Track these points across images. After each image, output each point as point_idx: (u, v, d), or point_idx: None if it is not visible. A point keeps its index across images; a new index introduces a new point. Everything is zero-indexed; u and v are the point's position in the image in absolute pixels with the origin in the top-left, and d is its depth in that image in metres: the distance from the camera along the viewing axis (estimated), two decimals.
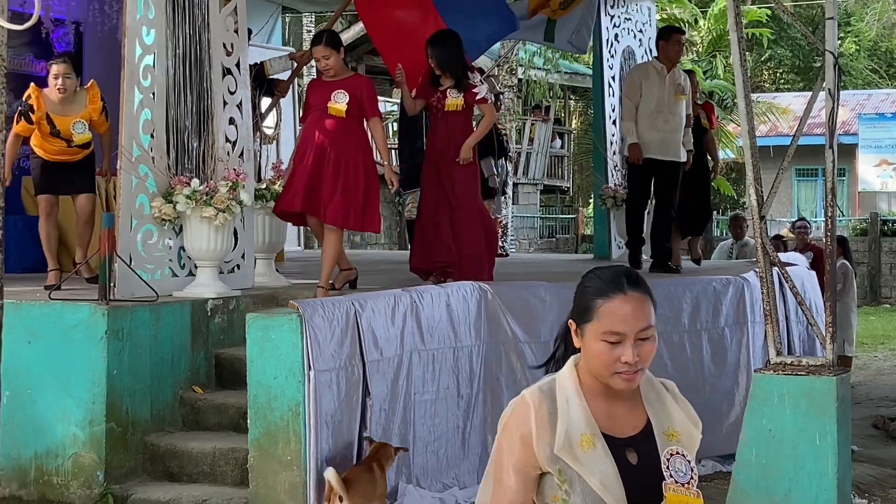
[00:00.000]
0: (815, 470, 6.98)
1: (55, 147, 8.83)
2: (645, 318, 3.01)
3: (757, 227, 7.49)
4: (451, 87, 8.75)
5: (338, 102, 8.20)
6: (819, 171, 32.93)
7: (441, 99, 8.79)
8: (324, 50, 8.27)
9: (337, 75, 8.33)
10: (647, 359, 3.02)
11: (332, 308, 6.99)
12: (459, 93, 8.72)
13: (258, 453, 6.86)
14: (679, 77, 10.88)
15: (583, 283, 3.07)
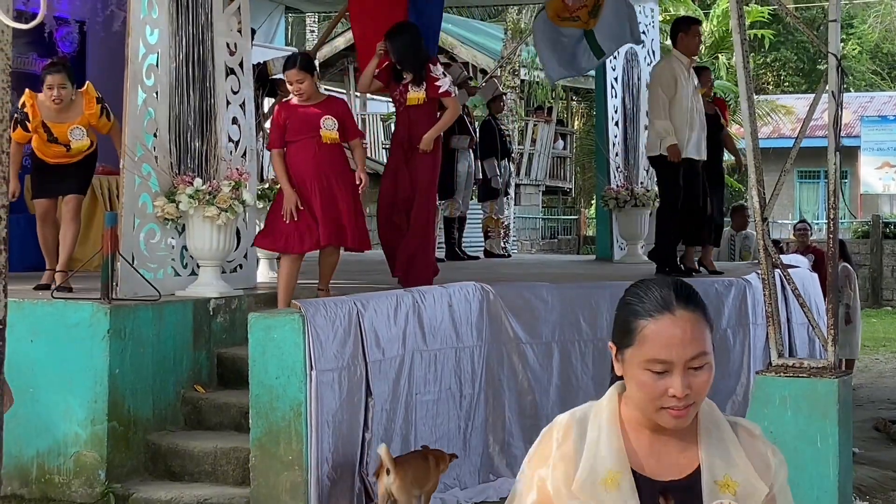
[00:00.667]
0: (816, 472, 6.98)
1: (54, 150, 8.72)
2: (698, 343, 2.52)
3: (759, 229, 7.49)
4: (411, 81, 8.74)
5: (329, 130, 8.01)
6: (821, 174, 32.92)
7: (403, 93, 8.77)
8: (298, 74, 7.99)
9: (310, 99, 8.08)
10: (700, 392, 2.55)
11: (335, 308, 6.99)
12: (420, 86, 8.70)
13: (260, 453, 6.86)
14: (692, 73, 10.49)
15: (624, 299, 2.61)
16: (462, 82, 13.04)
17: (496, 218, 14.13)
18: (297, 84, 7.98)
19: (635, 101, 13.25)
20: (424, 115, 8.80)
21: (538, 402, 8.50)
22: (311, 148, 8.00)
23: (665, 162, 10.08)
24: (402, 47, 8.71)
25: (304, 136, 8.01)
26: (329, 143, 8.03)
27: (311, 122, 8.00)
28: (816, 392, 7.05)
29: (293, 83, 8.00)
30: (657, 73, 10.44)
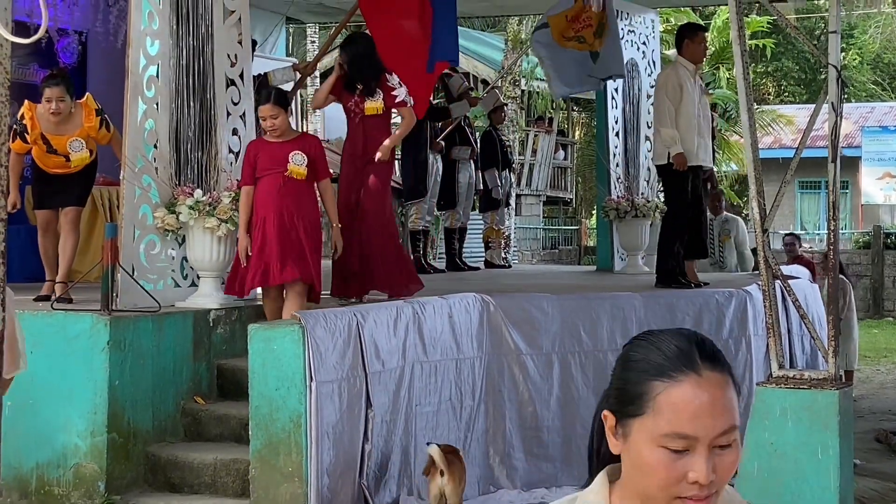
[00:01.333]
0: (818, 484, 6.97)
1: (54, 161, 8.71)
2: (729, 414, 1.99)
3: (760, 240, 7.49)
4: (366, 91, 8.62)
5: (298, 165, 7.81)
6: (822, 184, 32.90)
7: (359, 102, 8.63)
8: (272, 109, 7.82)
9: (283, 135, 7.90)
10: (724, 478, 2.00)
11: (335, 319, 6.99)
12: (376, 96, 8.59)
13: (259, 464, 6.86)
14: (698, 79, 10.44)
15: (629, 355, 2.08)
16: (463, 93, 13.05)
17: (497, 228, 14.12)
18: (271, 119, 7.82)
19: (636, 111, 13.25)
20: (380, 126, 8.70)
21: (538, 413, 8.50)
22: (276, 182, 7.81)
23: (672, 170, 10.04)
24: (357, 57, 8.60)
25: (272, 170, 7.82)
26: (296, 180, 7.83)
27: (279, 157, 7.84)
28: (817, 403, 7.05)
29: (266, 118, 7.84)
30: (662, 80, 10.35)
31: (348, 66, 8.59)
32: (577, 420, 8.71)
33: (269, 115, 7.82)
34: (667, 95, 10.09)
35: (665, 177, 10.34)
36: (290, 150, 7.84)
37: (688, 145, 10.00)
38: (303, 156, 7.84)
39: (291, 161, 7.81)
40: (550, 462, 8.54)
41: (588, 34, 11.94)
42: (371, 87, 8.55)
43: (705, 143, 10.19)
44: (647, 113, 12.97)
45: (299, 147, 7.90)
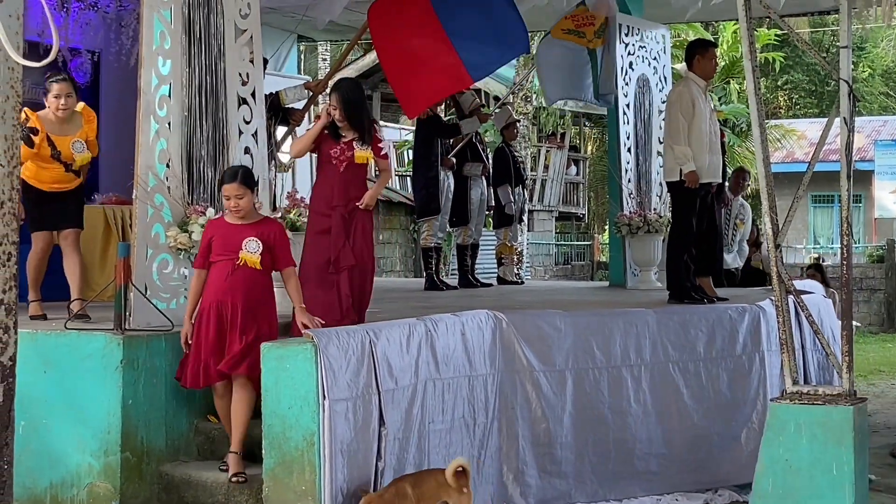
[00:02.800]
0: (833, 500, 6.94)
1: (51, 174, 8.63)
2: None
3: (773, 255, 7.48)
4: (356, 139, 8.15)
5: (251, 252, 7.22)
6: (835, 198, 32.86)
7: (346, 150, 8.14)
8: (238, 188, 7.25)
9: (245, 218, 7.33)
10: None
11: (347, 337, 6.98)
12: (365, 145, 8.16)
13: (273, 483, 6.85)
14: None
15: None
16: (474, 109, 13.06)
17: (510, 245, 14.12)
18: (235, 199, 7.27)
19: (647, 127, 13.25)
20: (363, 176, 8.32)
21: (552, 430, 8.48)
22: (225, 270, 7.26)
23: (683, 187, 10.03)
24: (356, 103, 8.20)
25: (224, 256, 7.28)
26: (249, 268, 7.24)
27: (234, 242, 7.26)
28: (832, 419, 7.03)
29: (230, 198, 7.27)
30: (675, 97, 10.29)
31: (347, 113, 8.11)
32: (590, 436, 8.69)
33: (235, 194, 7.26)
34: (680, 111, 10.07)
35: (675, 193, 10.32)
36: (246, 236, 7.27)
37: (699, 162, 9.99)
38: (258, 243, 7.24)
39: (245, 248, 7.24)
40: (564, 479, 8.51)
41: (589, 31, 11.98)
42: (364, 135, 8.16)
43: (716, 160, 10.18)
44: (659, 128, 12.97)
45: (257, 233, 7.28)
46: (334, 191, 8.16)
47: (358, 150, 8.12)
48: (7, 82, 3.93)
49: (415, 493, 6.88)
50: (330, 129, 8.18)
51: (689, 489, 9.00)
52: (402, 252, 22.97)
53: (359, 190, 8.20)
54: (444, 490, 7.01)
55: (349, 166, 8.16)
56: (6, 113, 3.94)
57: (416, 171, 12.88)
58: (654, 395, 9.01)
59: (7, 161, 3.94)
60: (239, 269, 7.23)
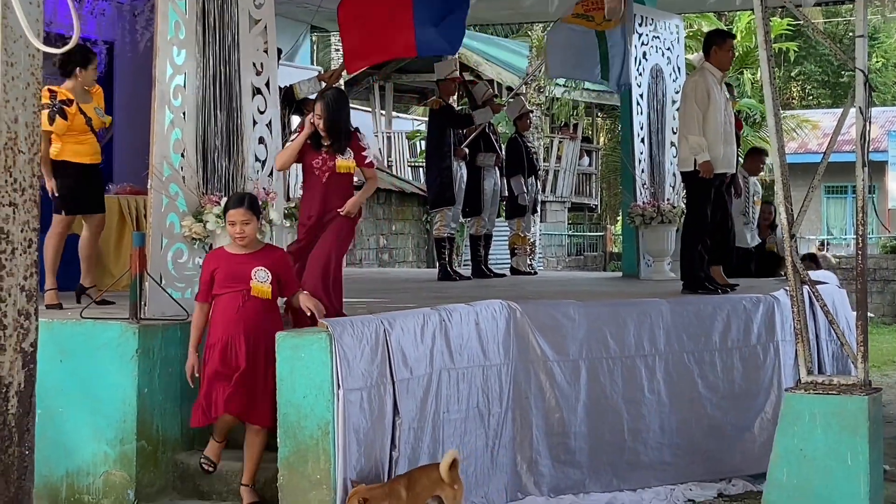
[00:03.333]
0: (847, 490, 6.94)
1: (88, 146, 8.79)
2: None
3: (787, 246, 7.47)
4: (337, 149, 7.91)
5: (262, 282, 7.02)
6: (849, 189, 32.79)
7: (328, 160, 7.88)
8: (244, 214, 7.04)
9: (248, 246, 7.11)
10: None
11: (362, 327, 7.00)
12: (347, 154, 7.91)
13: (288, 472, 6.87)
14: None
15: None
16: (487, 100, 13.06)
17: (523, 235, 14.11)
18: (242, 226, 7.04)
19: (661, 117, 13.23)
20: (347, 186, 8.03)
21: (566, 419, 8.49)
22: (235, 303, 7.00)
23: (698, 177, 10.02)
24: (338, 112, 7.91)
25: (232, 288, 7.02)
26: (258, 299, 7.03)
27: (241, 273, 7.03)
28: (846, 409, 7.03)
29: (236, 223, 7.04)
30: (690, 87, 10.26)
31: (328, 121, 7.85)
32: (604, 426, 8.70)
33: (241, 220, 7.03)
34: (696, 102, 10.05)
35: (689, 183, 10.29)
36: (253, 266, 7.04)
37: (714, 153, 9.95)
38: (266, 272, 7.03)
39: (254, 278, 7.02)
40: (578, 468, 8.52)
41: (598, 15, 11.99)
42: (344, 144, 7.91)
43: (730, 150, 10.16)
44: (673, 118, 12.96)
45: (264, 262, 7.07)
46: (318, 202, 7.94)
47: (340, 159, 7.90)
48: (28, 69, 3.95)
49: (409, 494, 6.87)
50: (312, 140, 7.94)
51: (703, 479, 9.00)
52: (414, 243, 22.98)
53: (343, 201, 7.93)
54: (437, 486, 6.99)
55: (332, 176, 7.91)
56: (27, 100, 3.95)
57: (429, 161, 12.89)
58: (669, 385, 9.01)
59: (28, 148, 3.95)
60: (250, 301, 7.00)
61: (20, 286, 4.06)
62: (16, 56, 3.91)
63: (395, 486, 6.86)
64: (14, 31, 3.86)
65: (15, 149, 3.95)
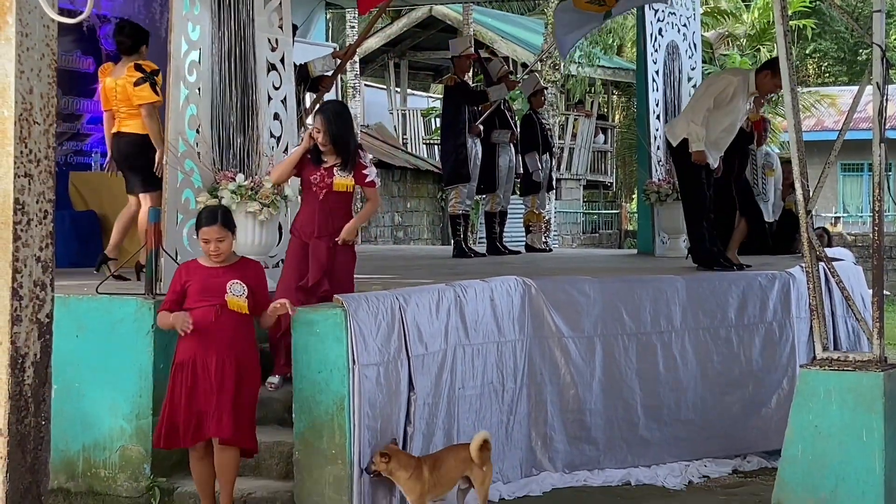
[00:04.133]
0: (863, 466, 6.94)
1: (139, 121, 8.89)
2: None
3: (803, 222, 7.45)
4: (337, 166, 7.58)
5: (237, 296, 6.60)
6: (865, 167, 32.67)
7: (325, 177, 7.58)
8: (219, 231, 6.60)
9: (225, 261, 6.68)
10: None
11: (377, 303, 7.01)
12: (348, 172, 7.60)
13: (303, 447, 6.89)
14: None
15: None
16: (502, 76, 13.03)
17: (538, 212, 14.11)
18: (216, 243, 6.61)
19: (676, 94, 13.19)
20: (345, 204, 7.75)
21: (581, 396, 8.49)
22: (208, 317, 6.56)
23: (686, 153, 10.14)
24: (341, 126, 7.58)
25: (206, 301, 6.58)
26: (233, 313, 6.60)
27: (215, 286, 6.60)
28: (862, 385, 7.01)
29: (211, 241, 6.62)
30: (721, 81, 10.31)
31: (329, 135, 7.52)
32: (619, 403, 8.70)
33: (216, 237, 6.61)
34: (713, 96, 10.12)
35: (677, 159, 10.36)
36: (228, 279, 6.63)
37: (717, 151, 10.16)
38: (242, 286, 6.61)
39: (230, 291, 6.59)
40: (593, 444, 8.53)
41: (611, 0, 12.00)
42: (348, 161, 7.59)
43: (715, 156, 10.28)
44: (688, 95, 12.92)
45: (240, 275, 6.66)
46: (314, 220, 7.65)
47: (338, 177, 7.59)
48: (43, 40, 3.95)
49: (433, 475, 6.87)
50: (312, 154, 7.63)
51: (718, 455, 9.01)
52: (429, 220, 22.98)
53: (342, 220, 7.66)
54: (465, 465, 7.01)
55: (329, 194, 7.60)
56: (42, 70, 3.96)
57: (444, 138, 12.88)
58: (684, 362, 9.01)
59: (43, 119, 3.96)
60: (224, 316, 6.57)
61: (35, 257, 4.07)
62: (31, 27, 3.91)
63: (420, 462, 6.87)
64: (29, 1, 3.87)
65: (30, 119, 3.95)
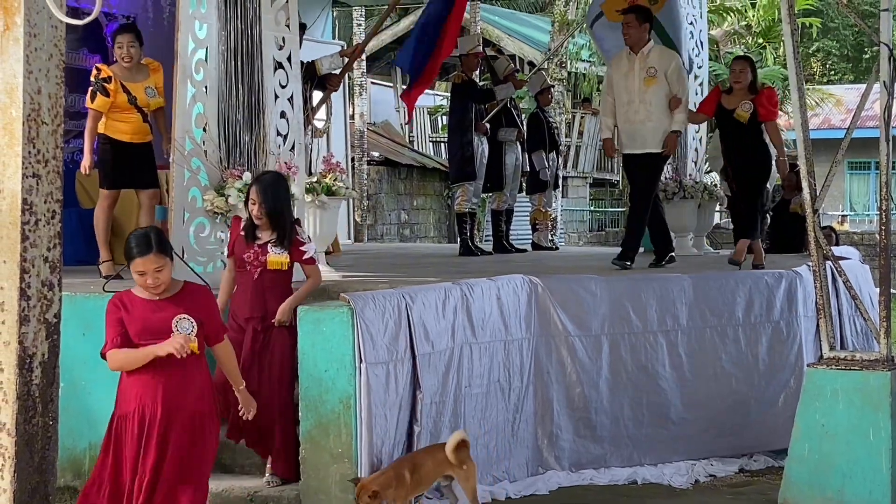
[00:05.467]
0: (869, 465, 6.94)
1: (131, 125, 8.85)
2: None
3: (810, 221, 7.44)
4: (272, 242, 7.01)
5: (185, 334, 5.53)
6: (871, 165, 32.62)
7: (259, 254, 7.02)
8: (156, 260, 5.47)
9: (166, 292, 5.57)
10: None
11: (384, 301, 7.01)
12: (283, 248, 7.03)
13: (310, 445, 6.90)
14: (652, 60, 10.38)
15: None
16: (508, 75, 13.03)
17: (544, 210, 14.10)
18: (155, 274, 5.48)
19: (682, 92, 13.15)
20: (282, 284, 7.09)
21: (587, 394, 8.49)
22: (152, 363, 5.48)
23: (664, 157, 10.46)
24: (277, 198, 7.03)
25: (149, 343, 5.50)
26: (184, 358, 5.48)
27: (158, 324, 5.51)
28: (869, 384, 7.01)
29: (147, 273, 5.48)
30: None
31: (269, 208, 6.97)
32: (625, 401, 8.70)
33: (153, 268, 5.48)
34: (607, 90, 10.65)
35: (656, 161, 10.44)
36: (172, 314, 5.53)
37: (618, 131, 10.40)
38: (190, 321, 5.54)
39: (177, 329, 5.51)
40: (599, 443, 8.53)
41: (643, 2, 11.90)
42: (284, 237, 7.02)
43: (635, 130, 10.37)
44: (695, 93, 12.89)
45: (186, 307, 5.58)
46: (248, 301, 7.06)
47: (273, 254, 6.99)
48: (51, 41, 3.96)
49: (413, 477, 6.80)
50: (246, 230, 7.10)
51: (725, 454, 9.00)
52: (435, 218, 22.97)
53: (278, 301, 7.03)
54: (444, 466, 6.95)
55: (264, 272, 7.02)
56: (50, 71, 3.97)
57: (450, 136, 12.87)
58: (690, 361, 9.00)
59: (51, 119, 3.97)
60: (170, 359, 5.45)
61: (43, 257, 4.08)
62: (39, 27, 3.92)
63: (398, 469, 6.77)
64: (37, 2, 3.88)
65: (38, 120, 3.96)
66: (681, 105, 10.31)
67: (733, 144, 10.42)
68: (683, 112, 10.38)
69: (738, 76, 10.37)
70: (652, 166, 10.44)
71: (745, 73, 10.33)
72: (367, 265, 8.11)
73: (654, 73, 10.29)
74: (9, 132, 3.93)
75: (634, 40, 10.45)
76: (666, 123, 10.30)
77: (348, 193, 9.19)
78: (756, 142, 10.34)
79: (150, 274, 5.48)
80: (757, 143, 10.35)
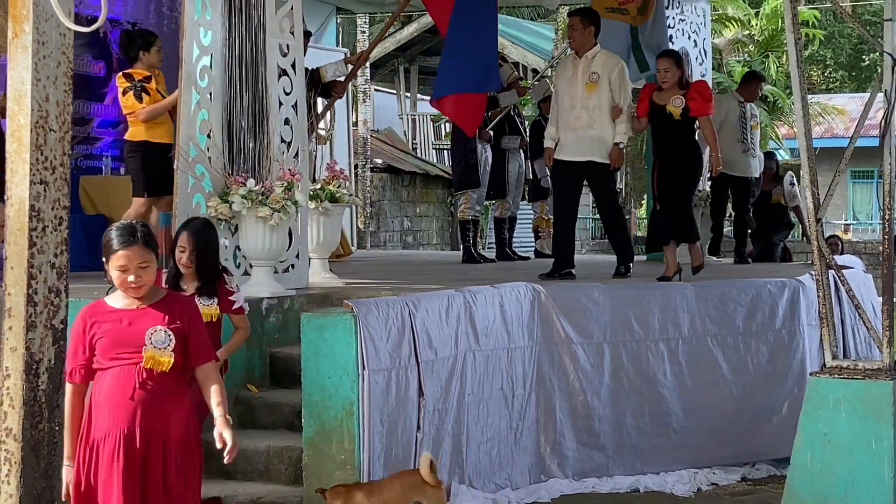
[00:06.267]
0: (871, 474, 6.93)
1: (166, 126, 9.00)
2: None
3: (813, 230, 7.45)
4: (197, 293, 6.53)
5: (159, 350, 4.90)
6: (875, 173, 32.61)
7: None
8: (142, 253, 4.90)
9: (145, 298, 4.98)
10: None
11: (387, 308, 7.02)
12: (211, 299, 6.56)
13: (312, 452, 6.91)
14: (596, 65, 10.01)
15: None
16: (512, 82, 13.05)
17: (547, 218, 14.12)
18: (139, 271, 4.89)
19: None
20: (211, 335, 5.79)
21: (589, 402, 8.50)
22: (125, 379, 4.89)
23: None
24: (209, 246, 6.63)
25: (122, 359, 4.90)
26: (157, 374, 4.91)
27: (131, 336, 4.91)
28: (871, 394, 7.01)
29: (129, 269, 4.90)
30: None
31: (197, 256, 6.53)
32: (628, 409, 8.71)
33: (138, 263, 4.89)
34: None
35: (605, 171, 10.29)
36: (148, 325, 4.91)
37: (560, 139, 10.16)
38: (167, 333, 4.91)
39: (150, 342, 4.89)
40: (601, 451, 8.54)
41: (632, 7, 11.92)
42: (211, 287, 6.58)
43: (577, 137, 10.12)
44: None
45: (163, 319, 4.94)
46: None
47: (203, 305, 6.41)
48: (59, 48, 3.99)
49: (370, 501, 6.46)
50: (169, 280, 6.51)
51: (727, 463, 9.00)
52: (438, 225, 22.99)
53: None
54: (414, 491, 6.55)
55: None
56: (58, 78, 3.99)
57: (454, 143, 12.89)
58: (693, 369, 9.01)
59: (59, 126, 3.99)
60: (149, 380, 4.90)
61: (51, 263, 4.09)
62: (47, 35, 3.94)
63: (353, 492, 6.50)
64: (45, 10, 3.90)
65: (46, 127, 3.98)
66: (622, 115, 9.99)
67: (665, 141, 10.15)
68: (625, 122, 10.03)
69: (663, 76, 10.05)
70: (604, 175, 10.28)
71: (670, 72, 9.99)
72: (370, 272, 8.13)
73: (596, 78, 9.98)
74: (17, 139, 3.95)
75: (579, 44, 10.15)
76: (609, 132, 10.01)
77: (352, 200, 9.23)
78: (688, 138, 10.18)
79: (133, 270, 4.86)
80: (689, 139, 10.20)
